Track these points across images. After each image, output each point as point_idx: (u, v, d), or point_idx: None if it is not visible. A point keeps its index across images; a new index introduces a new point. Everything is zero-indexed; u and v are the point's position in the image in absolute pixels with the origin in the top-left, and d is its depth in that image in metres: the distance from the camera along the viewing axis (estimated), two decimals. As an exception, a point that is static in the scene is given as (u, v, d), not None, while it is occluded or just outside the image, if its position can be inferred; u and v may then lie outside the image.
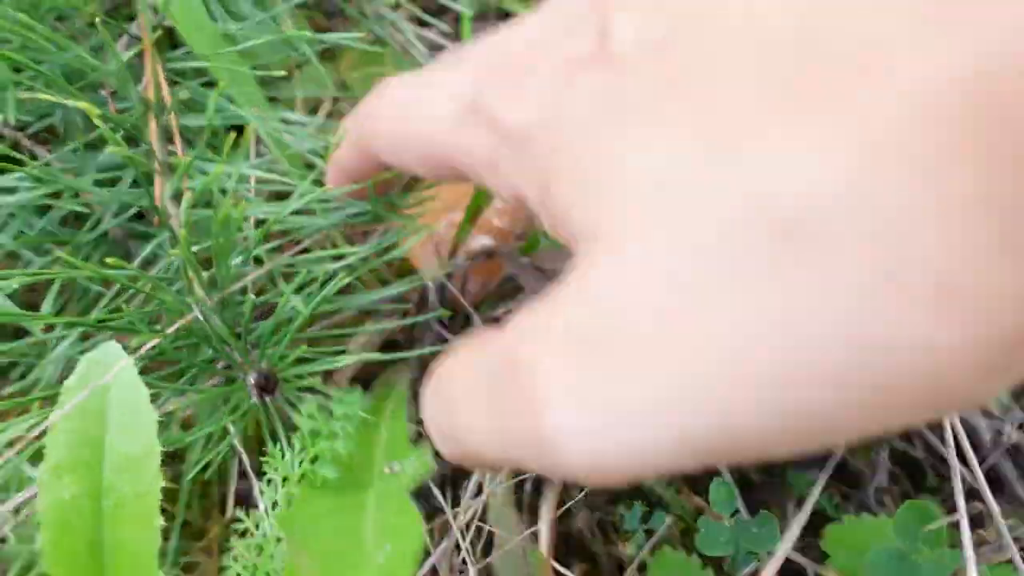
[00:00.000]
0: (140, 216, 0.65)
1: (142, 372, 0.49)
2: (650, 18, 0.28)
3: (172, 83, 0.60)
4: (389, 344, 0.68)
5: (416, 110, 0.38)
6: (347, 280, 0.48)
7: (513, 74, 0.33)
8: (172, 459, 0.70)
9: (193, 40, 0.57)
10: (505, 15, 1.08)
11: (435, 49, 1.05)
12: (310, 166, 0.55)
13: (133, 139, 0.58)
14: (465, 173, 0.36)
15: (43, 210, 0.63)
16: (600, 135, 0.27)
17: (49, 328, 0.56)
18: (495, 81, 0.33)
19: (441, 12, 1.05)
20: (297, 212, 0.52)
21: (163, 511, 0.68)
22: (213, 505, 0.64)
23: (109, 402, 0.40)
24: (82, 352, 0.53)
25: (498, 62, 0.34)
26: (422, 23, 0.99)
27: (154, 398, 0.41)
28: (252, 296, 0.44)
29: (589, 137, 0.28)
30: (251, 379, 0.47)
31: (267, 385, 0.46)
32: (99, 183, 0.57)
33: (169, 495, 0.68)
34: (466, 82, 0.35)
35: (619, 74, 0.28)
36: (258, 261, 0.52)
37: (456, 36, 1.07)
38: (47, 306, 0.58)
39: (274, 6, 0.69)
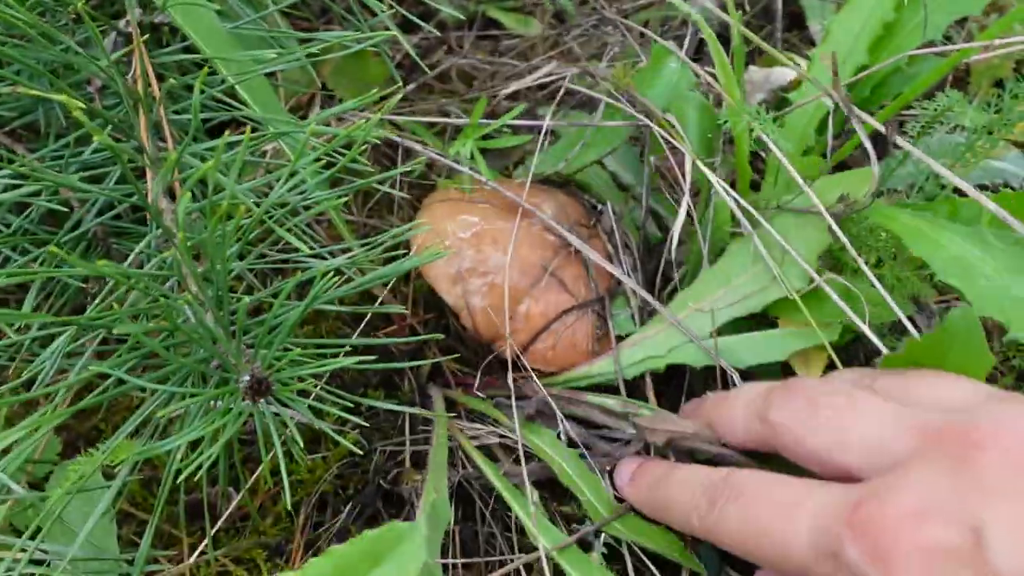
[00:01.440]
0: (118, 216, 0.64)
1: (132, 371, 0.48)
2: None
3: (159, 78, 0.58)
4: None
5: (785, 523, 0.49)
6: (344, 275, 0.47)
7: (873, 538, 0.43)
8: (146, 463, 0.68)
9: (199, 38, 0.56)
10: (495, 23, 1.08)
11: (422, 52, 1.04)
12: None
13: (120, 135, 0.57)
14: None
15: (21, 208, 0.61)
16: None
17: (24, 328, 0.54)
18: (858, 540, 0.44)
19: (427, 15, 1.04)
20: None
21: (130, 515, 0.66)
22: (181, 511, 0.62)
23: (378, 570, 0.41)
24: (70, 353, 0.52)
25: (861, 520, 0.45)
26: (408, 28, 0.99)
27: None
28: (246, 297, 0.43)
29: None
30: (244, 381, 0.46)
31: (260, 388, 0.45)
32: (83, 181, 0.56)
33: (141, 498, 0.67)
34: (832, 522, 0.45)
35: None
36: (252, 255, 0.51)
37: (442, 41, 1.07)
38: (27, 306, 0.56)
39: (265, 7, 0.69)
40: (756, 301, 0.69)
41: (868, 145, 0.66)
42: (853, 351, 0.73)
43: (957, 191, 0.65)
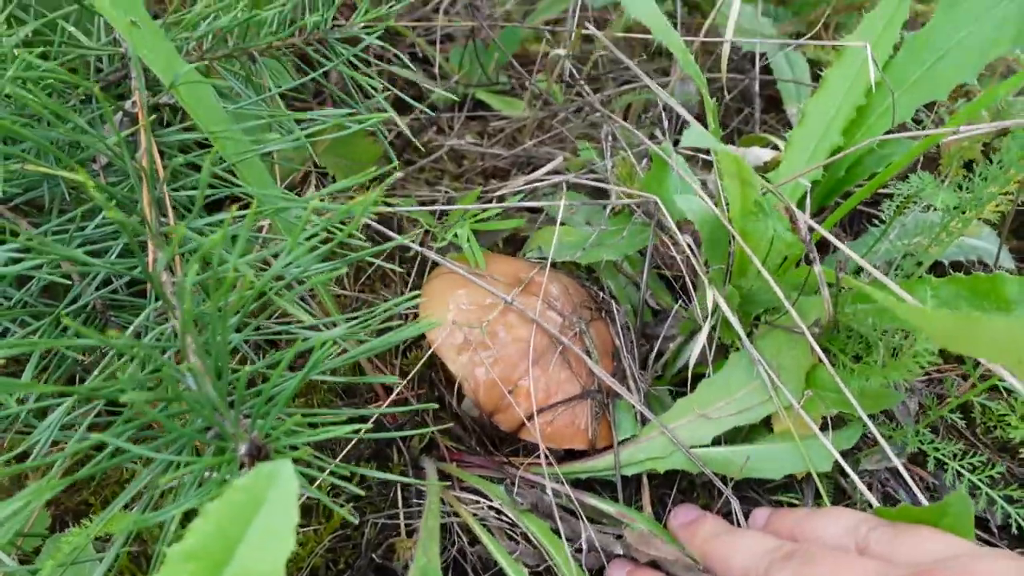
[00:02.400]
0: (115, 290, 0.65)
1: (135, 441, 0.48)
2: None
3: (161, 155, 0.60)
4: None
5: None
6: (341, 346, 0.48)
7: None
8: (136, 538, 0.68)
9: (201, 118, 0.58)
10: (483, 105, 1.12)
11: (413, 132, 1.07)
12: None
13: (123, 211, 0.58)
14: None
15: (21, 282, 0.62)
16: None
17: (21, 400, 0.55)
18: None
19: (419, 96, 1.08)
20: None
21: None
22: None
23: (258, 515, 0.39)
24: (65, 425, 0.52)
25: None
26: (399, 108, 1.02)
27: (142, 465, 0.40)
28: (246, 367, 0.44)
29: None
30: (242, 450, 0.46)
31: (259, 456, 0.45)
32: (86, 255, 0.57)
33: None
34: None
35: None
36: (252, 327, 0.52)
37: (432, 121, 1.10)
38: (26, 377, 0.56)
39: (265, 90, 0.71)
40: (755, 413, 0.73)
41: (820, 274, 0.68)
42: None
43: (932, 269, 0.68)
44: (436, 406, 0.68)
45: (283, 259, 0.51)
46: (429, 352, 0.71)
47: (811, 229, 0.68)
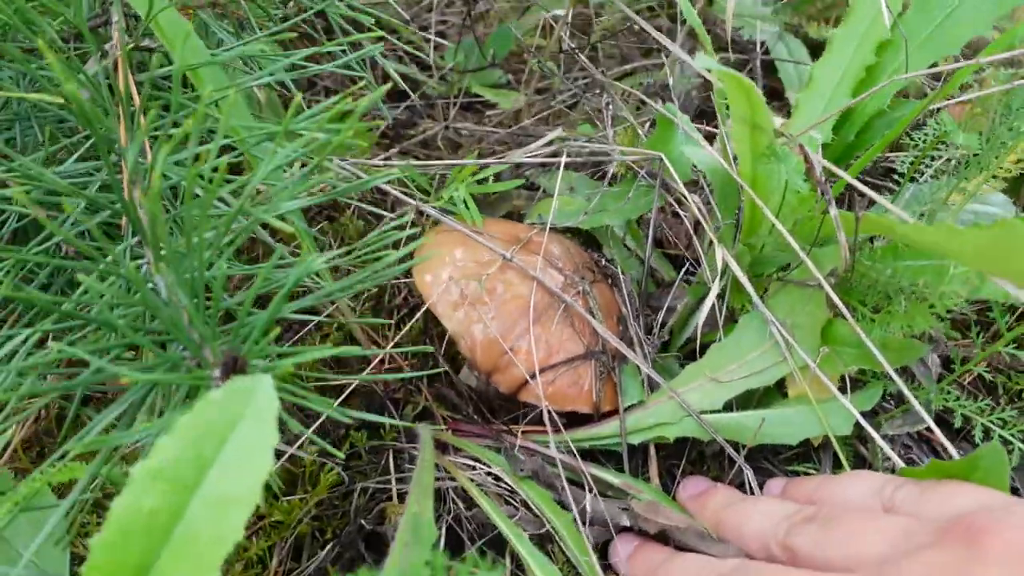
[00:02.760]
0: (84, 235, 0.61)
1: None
2: None
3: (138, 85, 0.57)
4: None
5: None
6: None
7: None
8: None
9: (180, 55, 0.55)
10: (478, 99, 1.10)
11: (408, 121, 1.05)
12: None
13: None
14: None
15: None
16: None
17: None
18: None
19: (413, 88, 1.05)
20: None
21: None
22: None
23: (234, 433, 0.35)
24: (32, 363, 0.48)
25: None
26: (393, 99, 1.00)
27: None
28: (223, 265, 0.40)
29: None
30: (216, 372, 0.42)
31: (234, 370, 0.41)
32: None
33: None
34: None
35: None
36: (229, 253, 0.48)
37: (428, 111, 1.08)
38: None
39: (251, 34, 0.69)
40: (769, 375, 0.69)
41: (836, 217, 0.65)
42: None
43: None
44: (431, 348, 0.64)
45: (261, 171, 0.47)
46: (424, 308, 0.67)
47: (828, 173, 0.64)
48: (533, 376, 0.65)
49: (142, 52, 0.67)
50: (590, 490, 0.65)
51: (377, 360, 0.71)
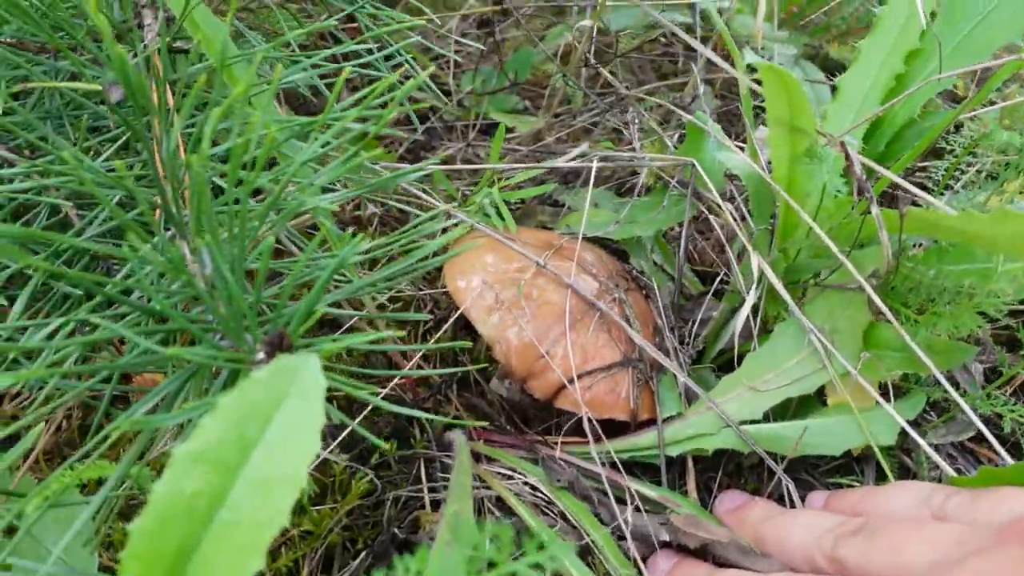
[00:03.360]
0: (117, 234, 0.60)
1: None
2: None
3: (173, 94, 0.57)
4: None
5: None
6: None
7: None
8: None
9: (213, 52, 0.55)
10: (497, 124, 1.10)
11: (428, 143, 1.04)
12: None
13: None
14: None
15: (18, 216, 0.58)
16: None
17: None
18: None
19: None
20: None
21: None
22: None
23: (279, 412, 0.34)
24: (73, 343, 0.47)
25: None
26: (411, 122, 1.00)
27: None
28: (270, 238, 0.39)
29: None
30: (261, 354, 0.41)
31: (280, 348, 0.40)
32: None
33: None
34: None
35: None
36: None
37: (447, 132, 1.07)
38: (19, 306, 0.51)
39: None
40: (809, 383, 0.67)
41: (878, 216, 0.64)
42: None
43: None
44: (470, 344, 0.63)
45: (301, 156, 0.47)
46: (457, 314, 0.66)
47: (868, 171, 0.63)
48: (571, 381, 0.63)
49: (173, 54, 0.67)
50: (631, 503, 0.63)
51: (406, 368, 0.69)
